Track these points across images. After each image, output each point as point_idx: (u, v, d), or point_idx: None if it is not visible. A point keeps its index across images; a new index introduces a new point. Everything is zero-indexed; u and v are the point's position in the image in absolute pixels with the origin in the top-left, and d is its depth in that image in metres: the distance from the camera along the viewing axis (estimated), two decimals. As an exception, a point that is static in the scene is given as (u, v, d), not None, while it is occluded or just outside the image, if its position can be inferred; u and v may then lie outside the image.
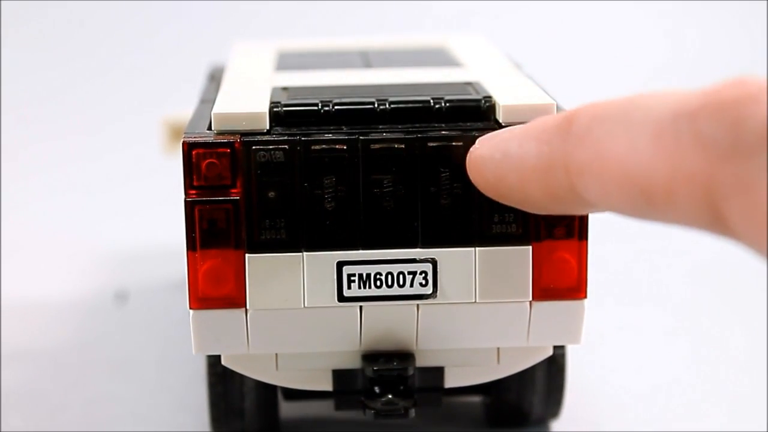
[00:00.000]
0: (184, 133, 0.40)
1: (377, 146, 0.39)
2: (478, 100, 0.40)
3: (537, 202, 0.35)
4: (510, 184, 0.35)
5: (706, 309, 0.63)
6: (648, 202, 0.29)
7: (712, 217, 0.28)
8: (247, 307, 0.40)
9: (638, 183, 0.29)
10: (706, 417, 0.51)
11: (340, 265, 0.40)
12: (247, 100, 0.41)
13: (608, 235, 0.57)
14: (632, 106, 0.30)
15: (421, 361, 0.42)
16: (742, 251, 0.29)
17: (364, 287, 0.40)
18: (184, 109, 0.54)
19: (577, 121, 0.32)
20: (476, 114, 0.40)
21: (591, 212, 0.35)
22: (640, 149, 0.29)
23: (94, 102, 0.96)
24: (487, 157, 0.36)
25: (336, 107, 0.40)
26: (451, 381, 0.43)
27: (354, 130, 0.40)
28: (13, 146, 0.92)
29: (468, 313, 0.41)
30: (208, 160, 0.39)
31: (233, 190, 0.39)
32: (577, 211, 0.34)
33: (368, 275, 0.40)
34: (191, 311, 0.40)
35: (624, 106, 0.31)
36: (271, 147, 0.39)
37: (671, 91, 0.30)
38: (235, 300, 0.40)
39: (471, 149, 0.38)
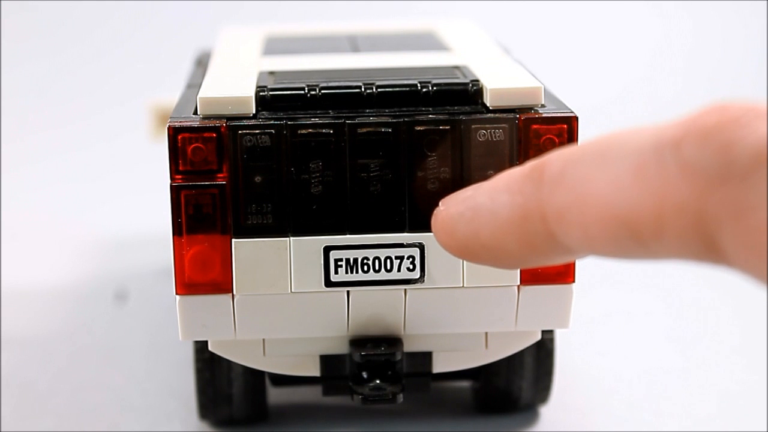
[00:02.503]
0: (170, 117, 0.40)
1: (364, 130, 0.39)
2: (466, 84, 0.40)
3: (514, 256, 0.32)
4: (484, 242, 0.33)
5: (695, 294, 0.63)
6: (635, 241, 0.28)
7: (706, 246, 0.27)
8: (234, 292, 0.40)
9: (624, 221, 0.28)
10: (695, 402, 0.51)
11: (327, 249, 0.40)
12: (233, 85, 0.41)
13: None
14: (606, 144, 0.29)
15: (409, 346, 0.42)
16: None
17: (352, 272, 0.40)
18: (170, 95, 0.54)
19: (549, 167, 0.31)
20: (464, 98, 0.40)
21: (572, 259, 0.33)
22: (621, 186, 0.28)
23: (88, 90, 0.96)
24: (456, 216, 0.34)
25: (323, 91, 0.40)
26: (439, 366, 0.43)
27: (341, 114, 0.39)
28: (7, 136, 0.91)
29: (456, 298, 0.40)
30: (193, 145, 0.39)
31: (219, 175, 0.39)
32: (558, 260, 0.32)
33: (355, 260, 0.40)
34: (177, 297, 0.40)
35: (597, 146, 0.30)
36: (257, 131, 0.39)
37: (646, 126, 0.29)
38: (222, 285, 0.40)
39: (435, 211, 0.35)
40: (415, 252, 0.40)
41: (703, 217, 0.26)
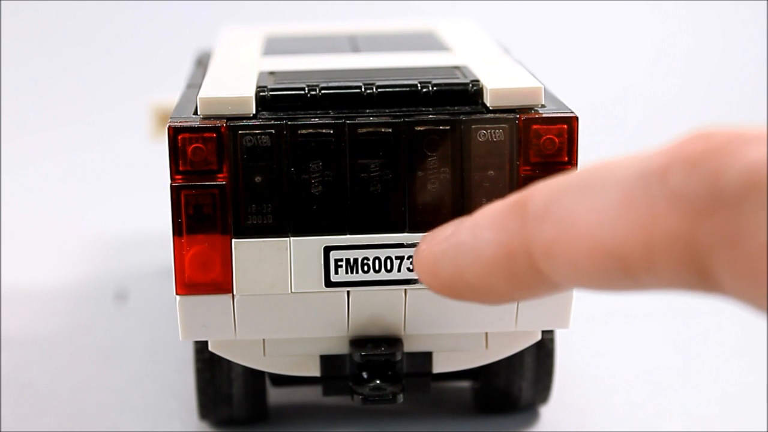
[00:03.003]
0: (170, 117, 0.40)
1: (364, 130, 0.39)
2: (466, 84, 0.40)
3: (501, 293, 0.32)
4: (469, 281, 0.32)
5: (695, 294, 0.63)
6: (626, 273, 0.28)
7: (698, 276, 0.26)
8: (234, 292, 0.40)
9: (613, 254, 0.27)
10: (695, 402, 0.51)
11: (328, 250, 0.40)
12: (233, 85, 0.41)
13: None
14: (590, 176, 0.29)
15: (409, 346, 0.42)
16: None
17: (352, 272, 0.40)
18: (170, 95, 0.54)
19: (532, 201, 0.30)
20: (464, 98, 0.40)
21: (559, 292, 0.32)
22: (609, 217, 0.28)
23: (88, 90, 0.96)
24: (439, 255, 0.33)
25: (323, 91, 0.40)
26: (439, 366, 0.43)
27: (341, 114, 0.39)
28: (7, 136, 0.91)
29: (456, 298, 0.40)
30: (194, 145, 0.39)
31: (219, 175, 0.39)
32: (544, 295, 0.32)
33: (356, 260, 0.40)
34: (178, 297, 0.40)
35: (581, 177, 0.29)
36: (257, 131, 0.39)
37: (628, 155, 0.28)
38: (222, 285, 0.40)
39: (416, 251, 0.35)
40: (415, 252, 0.40)
41: (694, 246, 0.26)
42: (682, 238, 0.26)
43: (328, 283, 0.40)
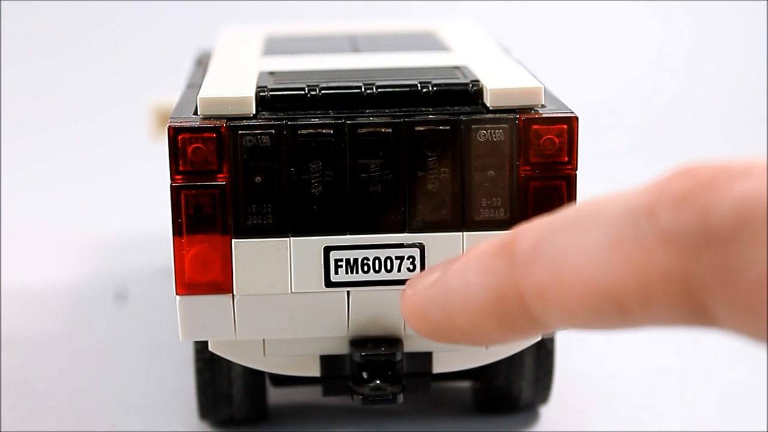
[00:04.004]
0: (170, 118, 0.40)
1: (364, 130, 0.39)
2: (466, 84, 0.40)
3: (492, 337, 0.31)
4: (460, 326, 0.31)
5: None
6: (620, 313, 0.27)
7: (695, 312, 0.26)
8: (234, 292, 0.40)
9: (608, 295, 0.27)
10: (695, 402, 0.51)
11: (328, 250, 0.40)
12: (233, 85, 0.41)
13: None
14: (577, 216, 0.28)
15: (409, 347, 0.42)
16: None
17: (352, 272, 0.40)
18: (170, 95, 0.54)
19: (520, 243, 0.29)
20: (464, 98, 0.40)
21: (551, 333, 0.32)
22: (601, 259, 0.27)
23: (88, 90, 0.96)
24: (427, 301, 0.32)
25: (323, 91, 0.40)
26: (439, 366, 0.43)
27: (341, 115, 0.39)
28: (7, 136, 0.91)
29: (456, 298, 0.40)
30: (194, 145, 0.39)
31: (219, 175, 0.39)
32: (537, 336, 0.31)
33: (356, 260, 0.40)
34: (177, 297, 0.40)
35: (568, 217, 0.29)
36: (257, 131, 0.39)
37: (613, 194, 0.28)
38: (222, 286, 0.40)
39: (403, 296, 0.33)
40: (415, 252, 0.40)
41: (689, 284, 0.26)
42: (677, 277, 0.26)
43: (328, 283, 0.40)
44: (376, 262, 0.40)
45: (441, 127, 0.39)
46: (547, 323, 0.30)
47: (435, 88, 0.40)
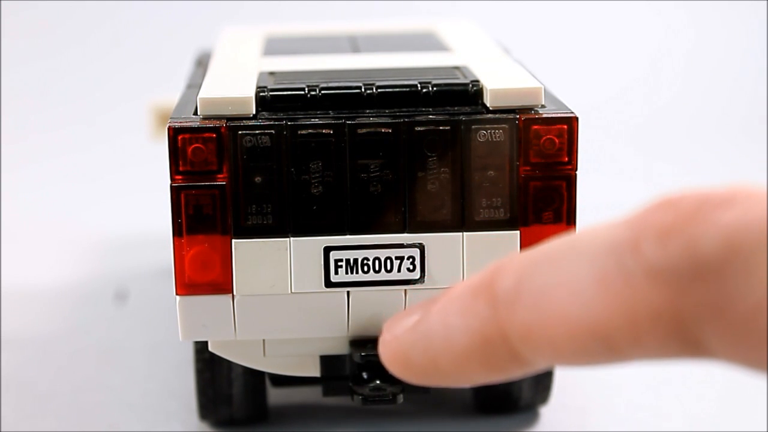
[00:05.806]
0: (170, 118, 0.40)
1: (364, 130, 0.39)
2: (466, 84, 0.40)
3: (479, 379, 0.30)
4: (444, 369, 0.30)
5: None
6: (611, 350, 0.27)
7: (688, 346, 0.26)
8: (234, 293, 0.40)
9: (597, 335, 0.26)
10: (695, 402, 0.51)
11: (328, 250, 0.40)
12: (233, 85, 0.41)
13: (597, 219, 0.57)
14: (557, 252, 0.28)
15: (409, 347, 0.42)
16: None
17: (352, 272, 0.40)
18: (170, 95, 0.54)
19: (501, 282, 0.28)
20: (464, 98, 0.40)
21: (536, 371, 0.31)
22: (587, 297, 0.26)
23: (88, 90, 0.96)
24: (408, 346, 0.31)
25: (323, 92, 0.40)
26: (439, 366, 0.43)
27: (341, 115, 0.39)
28: (7, 136, 0.91)
29: (456, 298, 0.40)
30: (194, 146, 0.39)
31: (219, 176, 0.39)
32: (522, 375, 0.30)
33: (356, 260, 0.40)
34: (177, 297, 0.40)
35: (548, 255, 0.28)
36: (257, 132, 0.39)
37: (593, 228, 0.27)
38: (222, 286, 0.40)
39: (382, 341, 0.32)
40: (415, 252, 0.40)
41: (681, 319, 0.25)
42: (667, 312, 0.25)
43: (328, 284, 0.40)
44: (376, 262, 0.40)
45: (441, 128, 0.39)
46: (534, 363, 0.29)
47: (435, 89, 0.40)
